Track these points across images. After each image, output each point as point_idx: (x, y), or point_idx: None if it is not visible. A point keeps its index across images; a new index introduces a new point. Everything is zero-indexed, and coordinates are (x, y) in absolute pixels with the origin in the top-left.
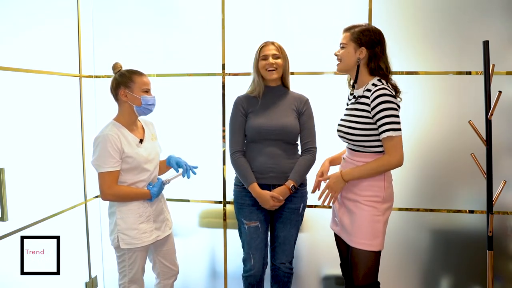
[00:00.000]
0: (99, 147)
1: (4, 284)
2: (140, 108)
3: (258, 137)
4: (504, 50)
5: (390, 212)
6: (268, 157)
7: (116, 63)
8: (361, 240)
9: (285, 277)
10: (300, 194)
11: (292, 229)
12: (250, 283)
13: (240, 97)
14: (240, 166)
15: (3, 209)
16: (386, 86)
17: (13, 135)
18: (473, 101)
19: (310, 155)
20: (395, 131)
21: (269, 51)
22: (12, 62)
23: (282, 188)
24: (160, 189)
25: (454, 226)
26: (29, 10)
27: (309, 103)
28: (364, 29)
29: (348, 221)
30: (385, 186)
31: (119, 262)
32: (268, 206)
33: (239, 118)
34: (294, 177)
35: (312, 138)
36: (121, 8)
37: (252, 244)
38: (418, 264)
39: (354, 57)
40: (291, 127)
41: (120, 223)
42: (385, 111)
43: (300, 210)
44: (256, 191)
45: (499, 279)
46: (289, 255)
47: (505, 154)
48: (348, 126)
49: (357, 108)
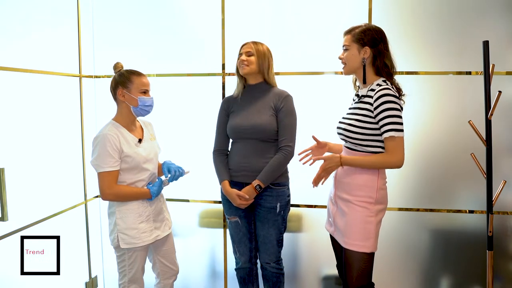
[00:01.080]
0: (98, 147)
1: (4, 284)
2: (137, 109)
3: (236, 136)
4: (504, 50)
5: (384, 214)
6: (241, 156)
7: (117, 62)
8: (353, 241)
9: (273, 277)
10: (275, 194)
11: (271, 229)
12: (241, 276)
13: (225, 98)
14: (216, 164)
15: (3, 209)
16: (390, 87)
17: (13, 135)
18: (473, 101)
19: (282, 154)
20: (397, 132)
21: (243, 49)
22: (12, 62)
23: (248, 187)
24: (160, 188)
25: (454, 226)
26: (29, 11)
27: (289, 99)
28: (364, 28)
29: (341, 222)
30: (378, 187)
31: (119, 261)
32: (236, 204)
33: (222, 118)
34: (260, 176)
35: (287, 136)
36: (121, 8)
37: (235, 238)
38: (418, 264)
39: (359, 58)
40: (263, 125)
41: (120, 223)
42: (388, 111)
43: (277, 210)
44: (225, 188)
45: (499, 279)
46: (272, 255)
47: (505, 154)
48: (348, 124)
49: (360, 107)
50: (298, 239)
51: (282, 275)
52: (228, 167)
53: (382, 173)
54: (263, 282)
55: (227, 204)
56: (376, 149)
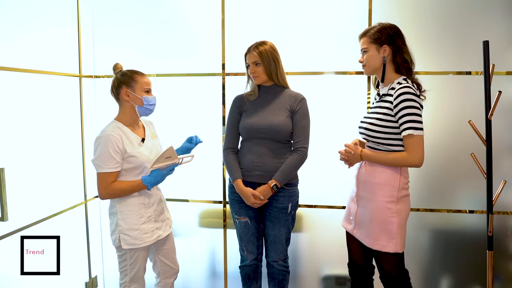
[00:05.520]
0: (100, 147)
1: (4, 284)
2: (141, 108)
3: (249, 136)
4: (504, 50)
5: (407, 213)
6: (256, 156)
7: (117, 63)
8: (377, 241)
9: (280, 275)
10: (287, 194)
11: (282, 228)
12: (246, 273)
13: (237, 96)
14: (228, 163)
15: (3, 209)
16: (411, 85)
17: (13, 135)
18: (473, 101)
19: (298, 155)
20: (416, 130)
21: (249, 59)
22: (12, 62)
23: (264, 187)
24: (153, 177)
25: (454, 226)
26: (29, 11)
27: (304, 102)
28: (380, 28)
29: (364, 222)
30: (400, 187)
31: (120, 261)
32: (250, 203)
33: (234, 117)
34: (277, 176)
35: (303, 138)
36: (121, 8)
37: (243, 237)
38: (418, 264)
39: (379, 57)
40: (279, 126)
41: (122, 223)
42: (407, 109)
43: (288, 210)
44: (239, 187)
45: (499, 279)
46: (281, 254)
47: (505, 154)
48: (369, 122)
49: (381, 105)
50: (298, 239)
51: (288, 273)
52: (240, 166)
53: (405, 172)
54: (268, 280)
55: (236, 204)
56: (398, 148)
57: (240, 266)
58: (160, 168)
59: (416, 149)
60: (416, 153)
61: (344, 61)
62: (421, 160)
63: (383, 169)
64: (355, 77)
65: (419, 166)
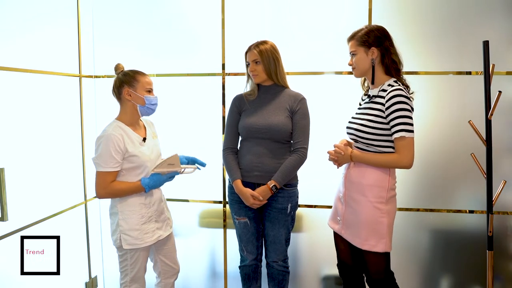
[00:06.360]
0: (101, 146)
1: (4, 284)
2: (143, 108)
3: (248, 136)
4: (504, 50)
5: (395, 213)
6: (255, 156)
7: (118, 64)
8: (366, 241)
9: (279, 275)
10: (287, 195)
11: (281, 229)
12: (245, 273)
13: (237, 96)
14: (228, 163)
15: (3, 209)
16: (402, 88)
17: (13, 135)
18: (473, 101)
19: (298, 155)
20: (407, 132)
21: (249, 57)
22: (12, 62)
23: (264, 188)
24: (153, 180)
25: (454, 226)
26: (29, 11)
27: (304, 102)
28: (367, 30)
29: (353, 222)
30: (389, 187)
31: (120, 261)
32: (249, 204)
33: (233, 116)
34: (276, 177)
35: (303, 138)
36: (121, 8)
37: (243, 238)
38: (418, 264)
39: (368, 60)
40: (279, 126)
41: (123, 224)
42: (399, 111)
43: (288, 210)
44: (238, 187)
45: (499, 279)
46: (281, 254)
47: (505, 154)
48: (360, 124)
49: (371, 107)
50: (298, 239)
51: (287, 273)
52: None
53: (393, 173)
54: (268, 280)
55: (236, 204)
56: (387, 149)
57: (240, 266)
58: (161, 173)
59: (407, 151)
60: (407, 154)
61: (344, 61)
62: (411, 162)
63: (373, 170)
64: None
65: (409, 167)
